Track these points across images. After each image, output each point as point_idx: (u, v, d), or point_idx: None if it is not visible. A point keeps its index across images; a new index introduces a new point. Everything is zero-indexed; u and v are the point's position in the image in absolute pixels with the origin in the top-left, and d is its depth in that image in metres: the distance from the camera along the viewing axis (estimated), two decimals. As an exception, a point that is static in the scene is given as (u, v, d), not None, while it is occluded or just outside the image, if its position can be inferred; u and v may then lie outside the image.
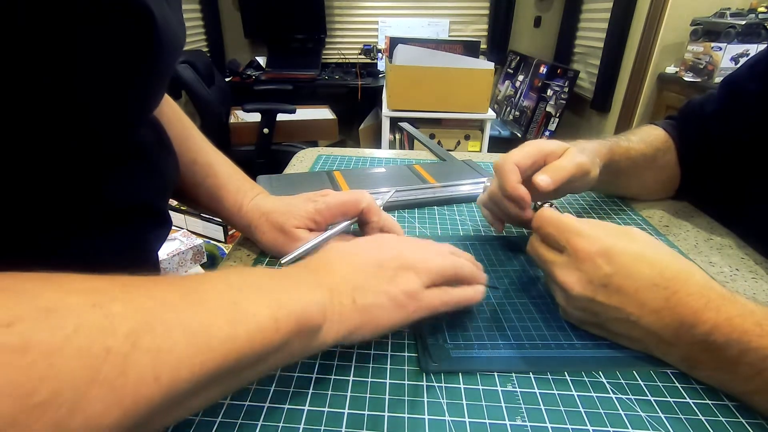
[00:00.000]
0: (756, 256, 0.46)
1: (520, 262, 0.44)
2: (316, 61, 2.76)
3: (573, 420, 0.27)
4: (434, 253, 0.33)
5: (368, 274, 0.29)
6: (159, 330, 0.19)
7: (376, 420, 0.27)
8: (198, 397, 0.21)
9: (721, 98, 0.52)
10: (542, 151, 0.41)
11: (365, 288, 0.29)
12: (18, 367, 0.15)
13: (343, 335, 0.27)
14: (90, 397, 0.16)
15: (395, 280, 0.30)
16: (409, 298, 0.29)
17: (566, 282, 0.32)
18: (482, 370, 0.31)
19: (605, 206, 0.57)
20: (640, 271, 0.30)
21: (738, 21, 1.57)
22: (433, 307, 0.30)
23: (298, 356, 0.26)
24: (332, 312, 0.27)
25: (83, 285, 0.19)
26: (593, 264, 0.31)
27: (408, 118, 1.65)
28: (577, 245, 0.32)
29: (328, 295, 0.27)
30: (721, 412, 0.28)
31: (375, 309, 0.28)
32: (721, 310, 0.28)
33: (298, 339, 0.25)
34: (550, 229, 0.34)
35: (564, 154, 0.42)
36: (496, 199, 0.43)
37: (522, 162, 0.40)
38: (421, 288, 0.30)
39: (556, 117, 2.37)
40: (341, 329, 0.27)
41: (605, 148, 0.48)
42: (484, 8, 2.80)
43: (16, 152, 0.22)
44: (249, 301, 0.24)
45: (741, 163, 0.50)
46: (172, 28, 0.27)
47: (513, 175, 0.39)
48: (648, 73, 1.97)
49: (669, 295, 0.29)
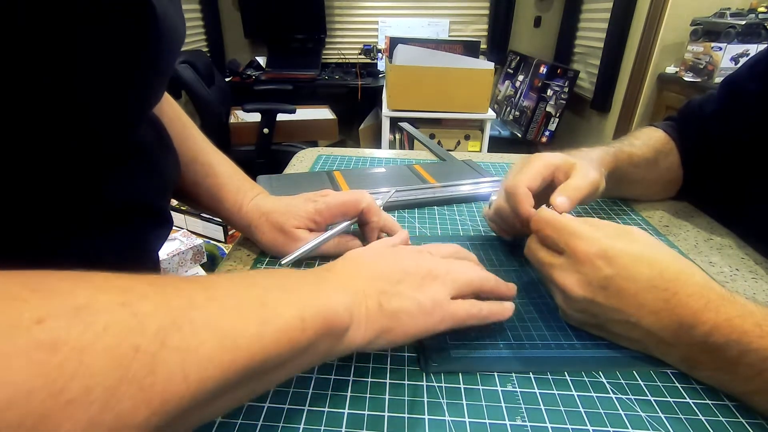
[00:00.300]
0: (756, 256, 0.46)
1: (519, 263, 0.44)
2: (316, 61, 2.76)
3: (573, 420, 0.27)
4: (458, 264, 0.33)
5: (393, 281, 0.29)
6: (187, 329, 0.19)
7: (376, 420, 0.27)
8: (224, 399, 0.21)
9: (721, 98, 0.52)
10: (549, 168, 0.41)
11: (391, 293, 0.28)
12: (49, 364, 0.15)
13: (369, 339, 0.27)
14: (120, 395, 0.16)
15: (422, 288, 0.29)
16: (437, 306, 0.29)
17: (565, 284, 0.32)
18: (482, 370, 0.31)
19: (605, 206, 0.57)
20: (640, 272, 0.30)
21: (738, 21, 1.57)
22: (459, 319, 0.30)
23: (324, 358, 0.26)
24: (359, 314, 0.27)
25: (113, 283, 0.19)
26: (592, 266, 0.31)
27: (408, 118, 1.65)
28: (577, 247, 0.32)
29: (354, 297, 0.27)
30: (721, 412, 0.28)
31: (402, 314, 0.28)
32: (720, 310, 0.28)
33: (325, 340, 0.25)
34: (548, 231, 0.34)
35: (575, 172, 0.41)
36: (503, 215, 0.43)
37: (533, 184, 0.40)
38: (447, 297, 0.30)
39: (556, 117, 2.37)
40: (368, 332, 0.27)
41: (609, 155, 0.47)
42: (484, 8, 2.80)
43: (16, 152, 0.22)
44: (276, 301, 0.23)
45: (741, 163, 0.50)
46: (173, 22, 0.27)
47: (527, 200, 0.38)
48: (648, 73, 1.97)
49: (669, 296, 0.29)
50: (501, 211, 0.43)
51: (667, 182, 0.57)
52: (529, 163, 0.41)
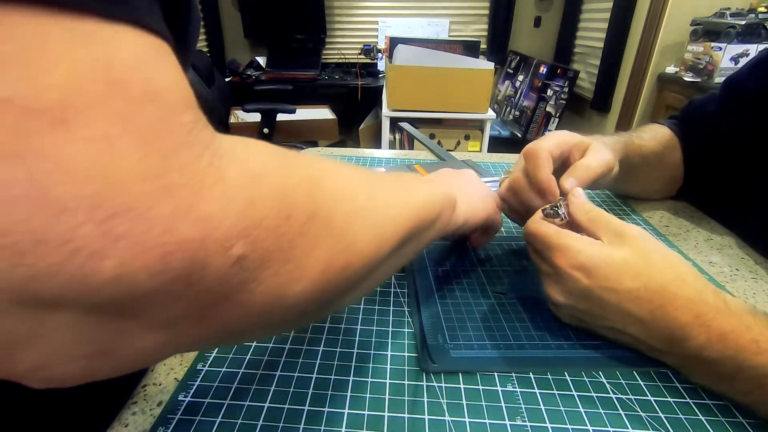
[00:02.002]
0: (756, 256, 0.46)
1: (520, 263, 0.44)
2: (316, 61, 2.76)
3: (573, 420, 0.27)
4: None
5: (466, 187, 0.40)
6: (380, 198, 0.23)
7: (376, 420, 0.27)
8: (387, 265, 0.24)
9: (723, 99, 0.52)
10: (568, 143, 0.40)
11: (467, 194, 0.38)
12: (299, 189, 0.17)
13: (463, 219, 0.36)
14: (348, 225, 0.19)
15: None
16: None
17: (550, 292, 0.33)
18: (482, 370, 0.31)
19: (605, 206, 0.57)
20: (621, 283, 0.29)
21: (738, 21, 1.57)
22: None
23: (445, 227, 0.33)
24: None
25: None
26: (570, 278, 0.31)
27: (408, 118, 1.65)
28: (555, 260, 0.32)
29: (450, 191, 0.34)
30: (721, 412, 0.28)
31: (476, 204, 0.38)
32: (712, 325, 0.27)
33: (447, 211, 0.32)
34: (535, 243, 0.34)
35: (589, 150, 0.40)
36: (516, 189, 0.41)
37: (554, 151, 0.38)
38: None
39: (556, 117, 2.37)
40: (460, 214, 0.35)
41: (620, 144, 0.47)
42: (484, 8, 2.80)
43: None
44: (413, 187, 0.30)
45: (741, 163, 0.50)
46: (197, 12, 0.26)
47: (547, 164, 0.37)
48: (648, 73, 1.97)
49: (653, 308, 0.29)
50: (515, 184, 0.41)
51: (669, 179, 0.57)
52: (548, 136, 0.40)
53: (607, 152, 0.41)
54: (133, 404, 0.29)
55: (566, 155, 0.40)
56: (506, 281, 0.41)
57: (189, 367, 0.31)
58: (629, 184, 0.55)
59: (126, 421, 0.28)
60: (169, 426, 0.27)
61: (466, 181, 0.41)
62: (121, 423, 0.28)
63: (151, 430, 0.27)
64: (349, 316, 0.36)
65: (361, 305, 0.38)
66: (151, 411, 0.28)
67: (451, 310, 0.37)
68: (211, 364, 0.31)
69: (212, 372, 0.31)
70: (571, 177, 0.37)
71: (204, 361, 0.32)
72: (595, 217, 0.33)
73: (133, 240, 0.11)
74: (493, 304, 0.38)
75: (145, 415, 0.28)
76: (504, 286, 0.40)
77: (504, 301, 0.38)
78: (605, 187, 0.55)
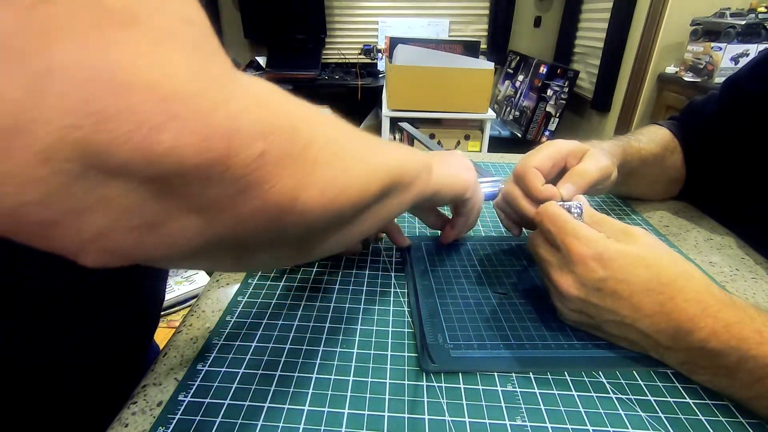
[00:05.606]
0: (756, 256, 0.46)
1: (520, 263, 0.44)
2: (316, 61, 2.76)
3: (573, 420, 0.27)
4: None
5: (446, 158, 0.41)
6: (365, 148, 0.25)
7: (376, 420, 0.27)
8: (370, 213, 0.26)
9: (723, 99, 0.52)
10: (561, 152, 0.41)
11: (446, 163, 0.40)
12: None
13: (438, 185, 0.36)
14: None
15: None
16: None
17: (560, 283, 0.32)
18: (482, 370, 0.31)
19: (605, 207, 0.57)
20: (635, 274, 0.30)
21: (738, 21, 1.57)
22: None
23: (423, 191, 0.33)
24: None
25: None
26: (586, 267, 0.31)
27: (408, 118, 1.65)
28: (572, 247, 0.32)
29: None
30: (721, 412, 0.28)
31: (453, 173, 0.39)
32: (719, 316, 0.28)
33: (423, 175, 0.33)
34: (549, 225, 0.34)
35: (586, 157, 0.41)
36: (511, 200, 0.42)
37: (542, 165, 0.39)
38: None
39: (556, 117, 2.37)
40: (434, 180, 0.35)
41: (619, 148, 0.47)
42: (484, 8, 2.80)
43: None
44: (394, 147, 0.30)
45: (741, 163, 0.50)
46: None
47: (537, 180, 0.38)
48: (648, 73, 1.97)
49: (664, 300, 0.29)
50: (509, 195, 0.42)
51: (670, 180, 0.57)
52: (540, 147, 0.41)
53: (604, 158, 0.41)
54: (133, 404, 0.29)
55: (561, 164, 0.41)
56: (506, 281, 0.41)
57: (189, 367, 0.31)
58: (630, 187, 0.55)
59: (126, 421, 0.28)
60: (169, 426, 0.27)
61: (448, 155, 0.42)
62: (121, 423, 0.28)
63: (151, 430, 0.27)
64: (349, 316, 0.37)
65: (361, 305, 0.38)
66: (151, 411, 0.28)
67: (451, 310, 0.37)
68: (211, 364, 0.31)
69: (212, 372, 0.31)
70: (567, 183, 0.38)
71: (204, 361, 0.32)
72: (600, 220, 0.34)
73: (183, 121, 0.14)
74: (493, 304, 0.38)
75: (145, 415, 0.28)
76: (504, 286, 0.40)
77: (504, 301, 0.38)
78: (605, 192, 0.55)
